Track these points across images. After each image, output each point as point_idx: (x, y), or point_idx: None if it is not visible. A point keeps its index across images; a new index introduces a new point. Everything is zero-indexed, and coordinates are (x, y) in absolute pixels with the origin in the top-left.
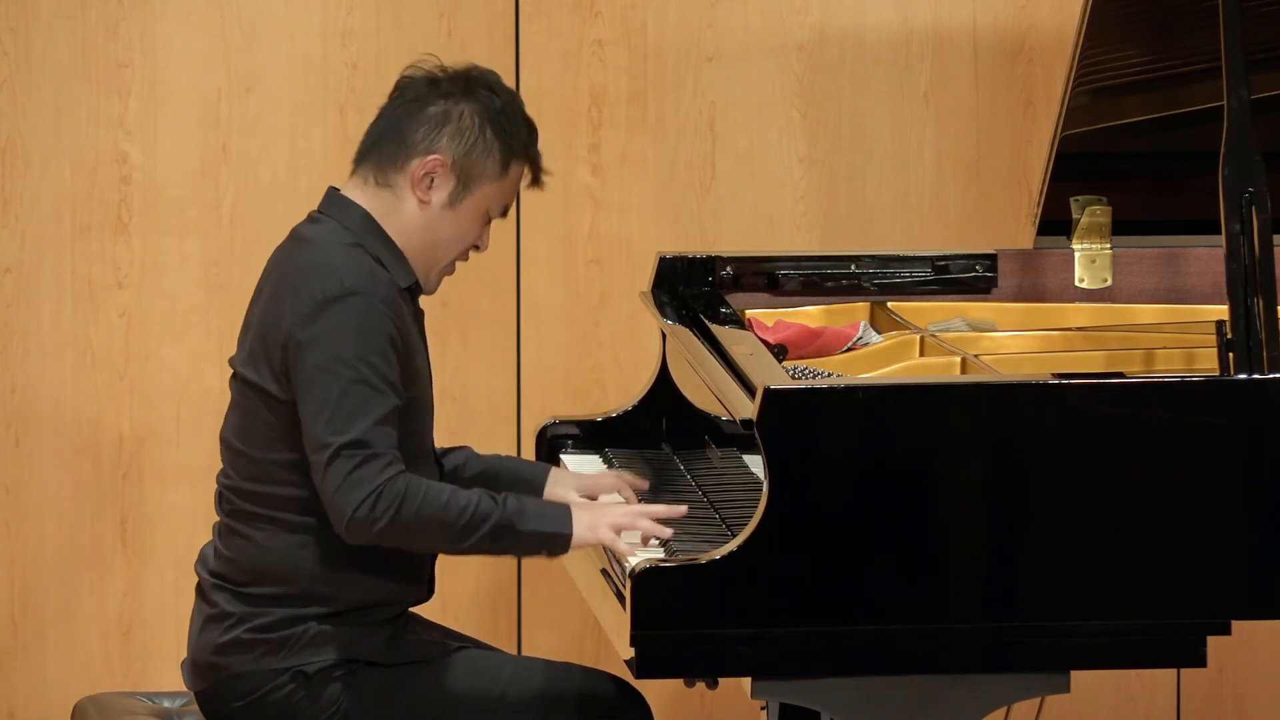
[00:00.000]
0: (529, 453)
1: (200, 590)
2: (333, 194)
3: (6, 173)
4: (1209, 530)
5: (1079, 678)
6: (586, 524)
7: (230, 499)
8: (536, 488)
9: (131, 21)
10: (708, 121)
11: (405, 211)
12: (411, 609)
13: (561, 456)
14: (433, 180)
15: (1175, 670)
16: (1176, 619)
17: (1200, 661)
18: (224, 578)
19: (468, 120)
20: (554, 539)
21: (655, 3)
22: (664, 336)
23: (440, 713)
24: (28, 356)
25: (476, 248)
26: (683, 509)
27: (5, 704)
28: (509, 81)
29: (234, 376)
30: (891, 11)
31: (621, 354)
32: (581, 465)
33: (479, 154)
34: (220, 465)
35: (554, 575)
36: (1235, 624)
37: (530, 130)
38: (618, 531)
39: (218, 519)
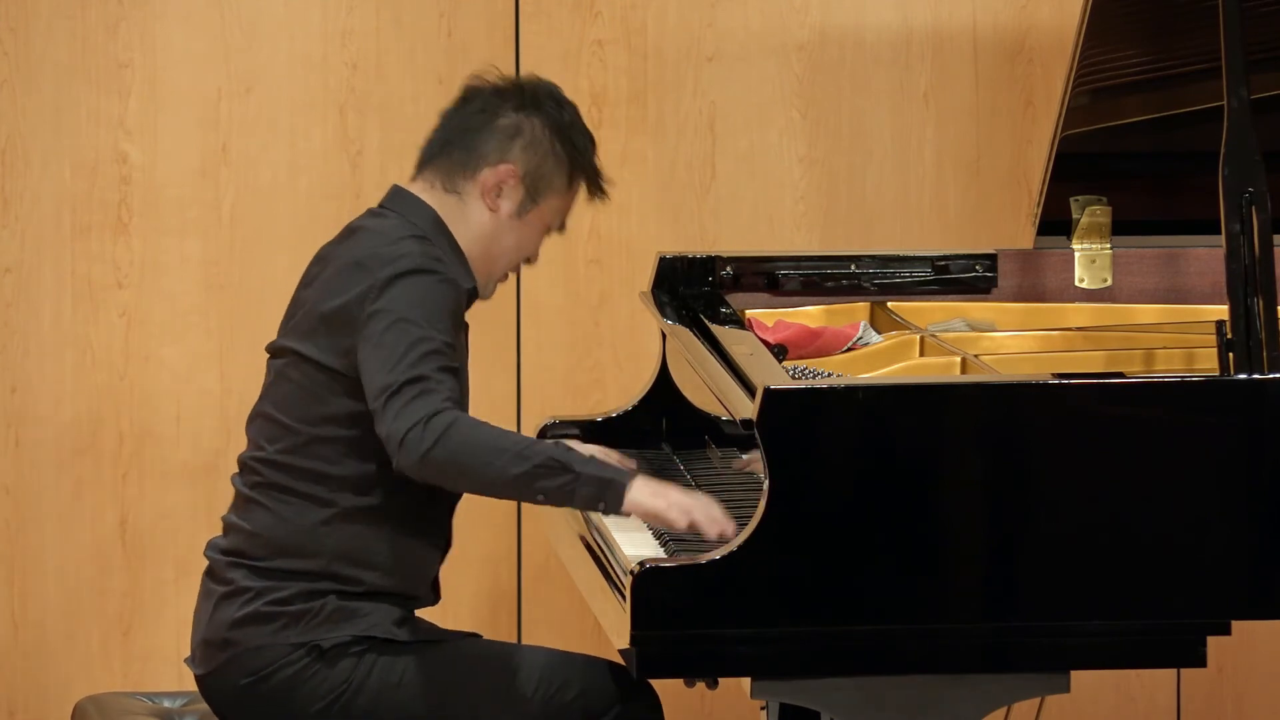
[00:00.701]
0: None
1: (211, 573)
2: (398, 191)
3: (6, 173)
4: (1209, 530)
5: (1079, 678)
6: (651, 489)
7: (259, 470)
8: None
9: (131, 21)
10: (708, 121)
11: (471, 218)
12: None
13: None
14: (502, 190)
15: (1175, 670)
16: (1176, 619)
17: (1200, 661)
18: (241, 553)
19: (539, 133)
20: (610, 486)
21: (655, 3)
22: (664, 336)
23: (449, 696)
24: (28, 356)
25: (529, 260)
26: (734, 527)
27: (5, 704)
28: None
29: (279, 354)
30: (891, 11)
31: (621, 354)
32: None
33: (549, 167)
34: (241, 445)
35: (554, 576)
36: (1235, 624)
37: (592, 143)
38: (680, 510)
39: (239, 493)
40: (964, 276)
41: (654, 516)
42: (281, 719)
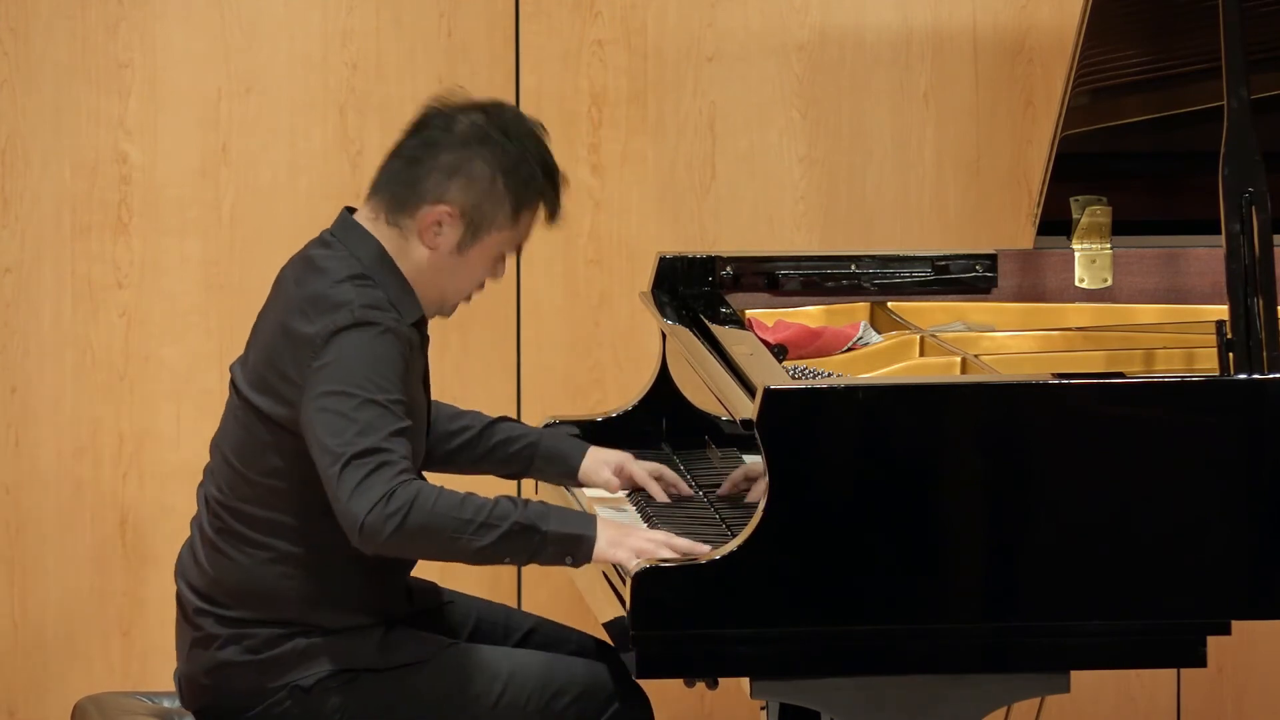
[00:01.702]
0: None
1: (182, 607)
2: (347, 218)
3: (6, 173)
4: (1209, 530)
5: (1079, 678)
6: (609, 539)
7: (222, 516)
8: (571, 466)
9: (131, 21)
10: (708, 121)
11: (413, 254)
12: None
13: None
14: (440, 228)
15: (1175, 670)
16: (1176, 619)
17: (1200, 661)
18: (208, 598)
19: (479, 171)
20: (578, 542)
21: (655, 3)
22: (664, 336)
23: (444, 712)
24: (28, 356)
25: (493, 277)
26: (705, 549)
27: (5, 704)
28: (509, 82)
29: (235, 387)
30: (891, 11)
31: (621, 354)
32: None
33: (489, 205)
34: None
35: (554, 576)
36: (1235, 624)
37: (547, 174)
38: (639, 556)
39: (202, 529)
40: (964, 276)
41: (616, 564)
42: None
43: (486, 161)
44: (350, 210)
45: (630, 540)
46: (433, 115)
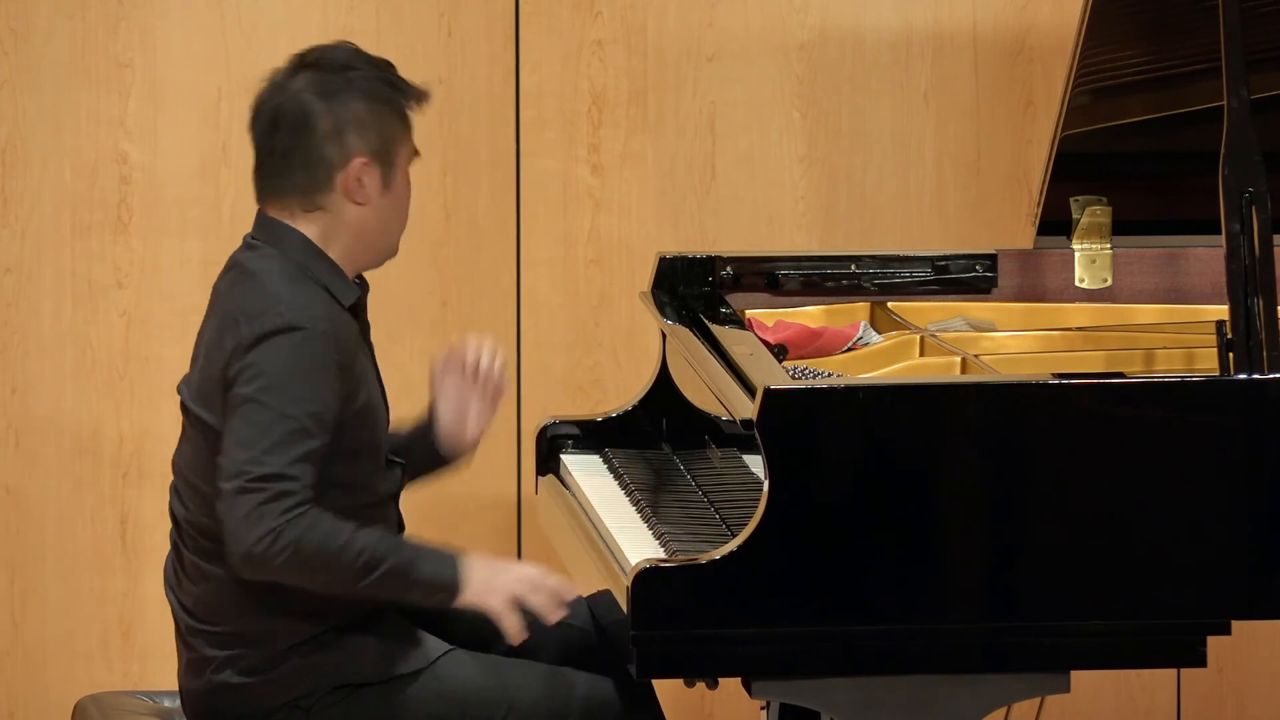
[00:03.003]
0: (529, 453)
1: (176, 624)
2: (265, 220)
3: (6, 173)
4: (1209, 530)
5: (1079, 678)
6: (481, 582)
7: (193, 535)
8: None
9: (131, 21)
10: (708, 121)
11: (349, 221)
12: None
13: (561, 456)
14: (361, 181)
15: (1175, 670)
16: (1176, 619)
17: (1200, 661)
18: (196, 618)
19: (356, 110)
20: (446, 587)
21: (655, 3)
22: (664, 336)
23: (454, 710)
24: (28, 356)
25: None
26: (576, 592)
27: (5, 704)
28: (509, 82)
29: (184, 407)
30: (891, 11)
31: (621, 354)
32: (582, 465)
33: (389, 132)
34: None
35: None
36: (1235, 624)
37: (393, 70)
38: (512, 602)
39: (178, 547)
40: (964, 276)
41: (489, 612)
42: None
43: (355, 100)
44: (264, 213)
45: (502, 581)
46: (274, 107)
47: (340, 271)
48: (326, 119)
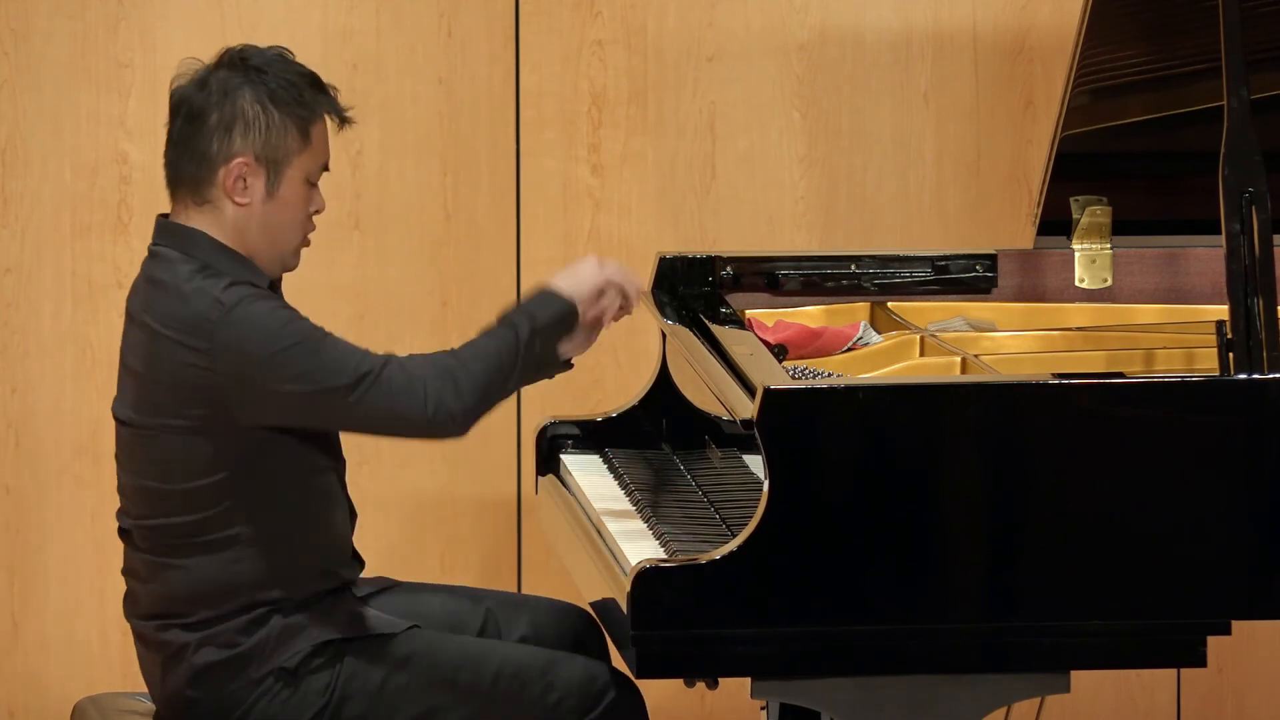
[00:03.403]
0: (529, 452)
1: (142, 639)
2: (164, 223)
3: (6, 173)
4: (1209, 530)
5: (1079, 678)
6: (576, 280)
7: (150, 537)
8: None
9: (131, 21)
10: (708, 121)
11: (232, 219)
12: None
13: (561, 456)
14: (245, 181)
15: (1175, 670)
16: (1176, 619)
17: (1200, 661)
18: (167, 615)
19: (250, 111)
20: (566, 314)
21: (655, 3)
22: (664, 336)
23: (443, 674)
24: (28, 356)
25: (317, 211)
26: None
27: (5, 704)
28: (509, 81)
29: (126, 425)
30: (891, 11)
31: (621, 354)
32: (582, 465)
33: (276, 137)
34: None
35: (554, 576)
36: (1235, 624)
37: (313, 85)
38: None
39: (134, 567)
40: (964, 276)
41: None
42: None
43: (250, 100)
44: (164, 216)
45: (590, 278)
46: (180, 92)
47: (246, 261)
48: (218, 112)
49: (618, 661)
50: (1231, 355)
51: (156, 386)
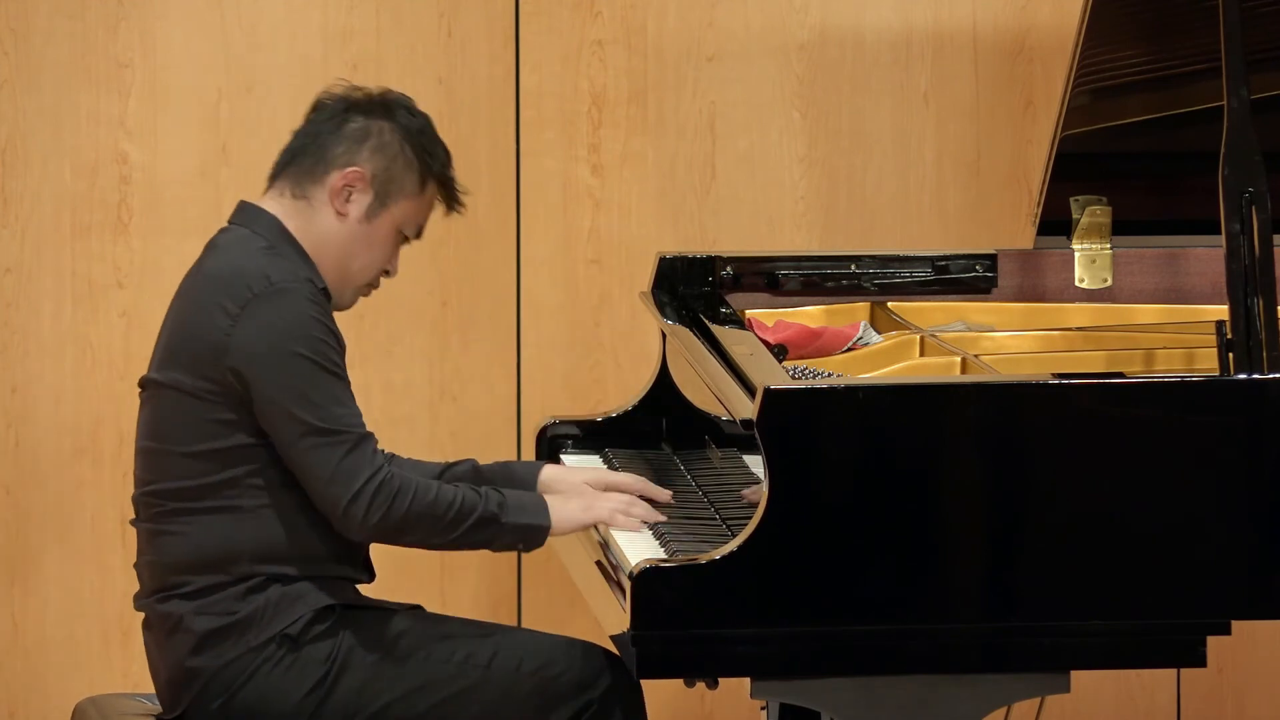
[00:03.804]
0: (529, 453)
1: (148, 623)
2: (243, 205)
3: (6, 173)
4: (1209, 530)
5: (1079, 678)
6: (572, 513)
7: (152, 503)
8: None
9: (131, 21)
10: (708, 121)
11: (320, 224)
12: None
13: (561, 456)
14: (351, 193)
15: (1175, 670)
16: (1176, 619)
17: (1200, 661)
18: (167, 587)
19: (388, 137)
20: (534, 531)
21: (655, 3)
22: (664, 336)
23: (442, 650)
24: (28, 356)
25: (387, 272)
26: (667, 494)
27: (5, 704)
28: (509, 82)
29: (145, 387)
30: (891, 11)
31: (621, 354)
32: (581, 465)
33: (398, 170)
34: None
35: (554, 576)
36: (1235, 624)
37: (447, 154)
38: (613, 513)
39: (142, 541)
40: (964, 276)
41: (587, 526)
42: None
43: (394, 130)
44: (245, 201)
45: (602, 502)
46: (330, 97)
47: (311, 262)
48: (360, 122)
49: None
50: (1231, 355)
51: (181, 338)
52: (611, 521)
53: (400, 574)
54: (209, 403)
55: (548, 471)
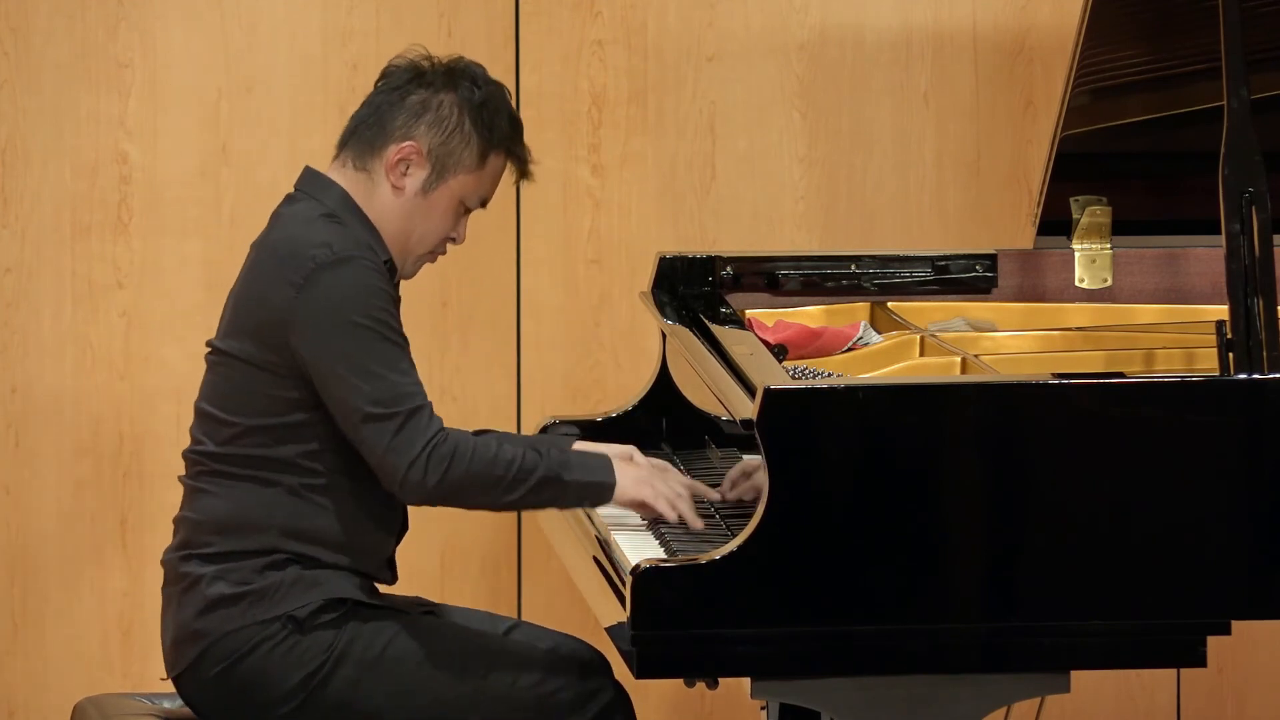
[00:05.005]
0: None
1: (167, 577)
2: (309, 173)
3: (6, 173)
4: (1209, 530)
5: (1079, 678)
6: (634, 478)
7: (200, 461)
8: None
9: (131, 21)
10: (708, 121)
11: (379, 197)
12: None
13: None
14: (407, 167)
15: (1175, 670)
16: (1176, 619)
17: (1200, 661)
18: (190, 544)
19: (446, 110)
20: (599, 488)
21: (655, 3)
22: (664, 336)
23: (439, 658)
24: (28, 356)
25: (453, 239)
26: (715, 495)
27: (5, 704)
28: (509, 82)
29: (212, 353)
30: (891, 11)
31: (621, 354)
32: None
33: (456, 144)
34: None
35: (554, 576)
36: (1235, 624)
37: (513, 124)
38: (668, 501)
39: (184, 495)
40: (964, 276)
41: (640, 505)
42: (257, 705)
43: (454, 102)
44: (310, 168)
45: (658, 480)
46: (397, 66)
47: (375, 232)
48: (420, 95)
49: (618, 668)
50: (1231, 355)
51: (246, 309)
52: (655, 504)
53: (400, 571)
54: (271, 375)
55: (579, 446)
